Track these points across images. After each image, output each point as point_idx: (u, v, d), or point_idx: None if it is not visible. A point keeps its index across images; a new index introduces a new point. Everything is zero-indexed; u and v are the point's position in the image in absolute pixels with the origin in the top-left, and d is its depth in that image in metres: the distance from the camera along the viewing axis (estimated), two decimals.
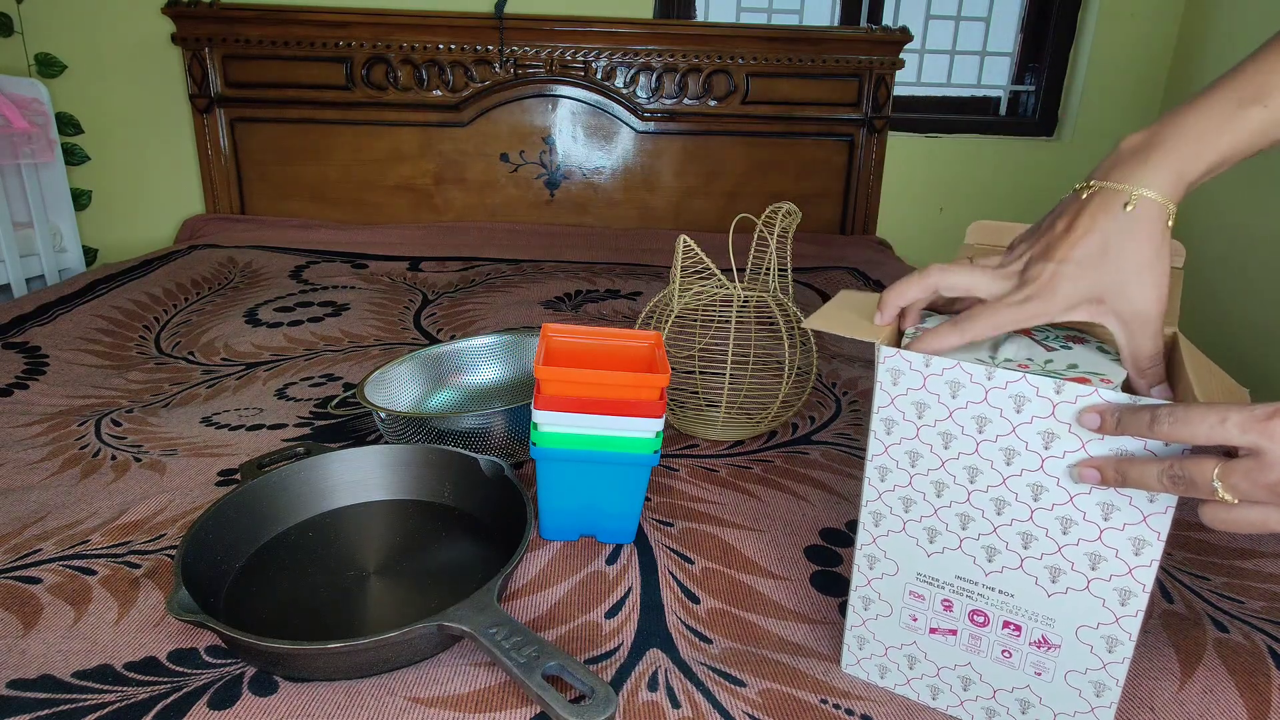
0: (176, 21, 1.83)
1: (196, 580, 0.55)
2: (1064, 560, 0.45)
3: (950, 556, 0.48)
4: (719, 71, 1.94)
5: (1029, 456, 0.44)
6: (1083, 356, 0.48)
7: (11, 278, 1.69)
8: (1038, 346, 0.49)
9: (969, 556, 0.48)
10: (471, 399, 0.95)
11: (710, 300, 0.90)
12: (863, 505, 0.50)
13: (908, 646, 0.52)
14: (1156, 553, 0.43)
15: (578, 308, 1.39)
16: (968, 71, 2.17)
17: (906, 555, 0.50)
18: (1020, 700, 0.49)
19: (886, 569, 0.51)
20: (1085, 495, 0.43)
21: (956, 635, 0.50)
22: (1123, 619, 0.44)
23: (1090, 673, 0.46)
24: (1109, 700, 0.47)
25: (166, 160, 1.99)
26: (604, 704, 0.46)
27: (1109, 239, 0.45)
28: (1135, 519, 0.43)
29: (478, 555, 0.65)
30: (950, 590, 0.49)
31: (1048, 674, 0.48)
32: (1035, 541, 0.45)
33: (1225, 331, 1.90)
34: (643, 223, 2.06)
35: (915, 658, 0.52)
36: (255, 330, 1.24)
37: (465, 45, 1.89)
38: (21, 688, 0.50)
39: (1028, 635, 0.47)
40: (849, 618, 0.54)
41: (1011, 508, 0.46)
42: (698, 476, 0.81)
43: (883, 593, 0.52)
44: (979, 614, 0.49)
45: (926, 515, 0.48)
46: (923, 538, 0.49)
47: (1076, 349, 0.49)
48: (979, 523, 0.47)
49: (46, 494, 0.75)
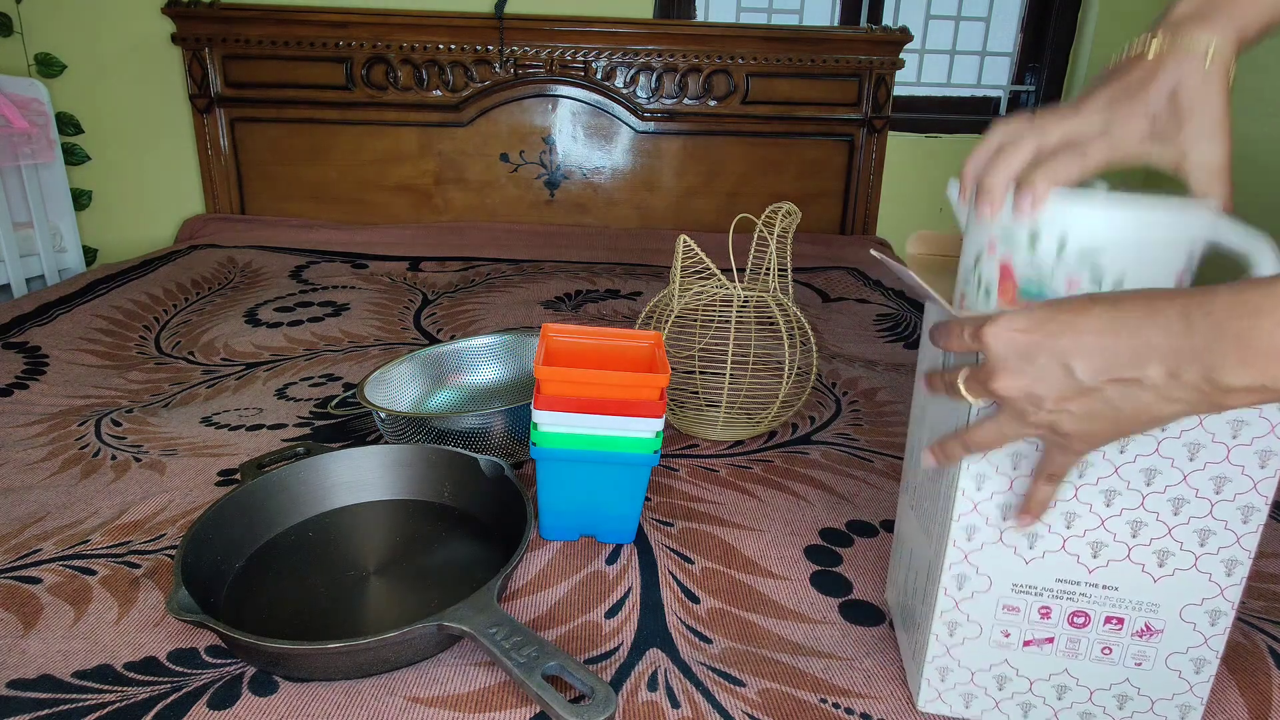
0: (176, 21, 1.83)
1: (196, 580, 0.55)
2: (1173, 542, 0.45)
3: (1051, 559, 0.46)
4: (719, 71, 1.94)
5: (1145, 441, 0.43)
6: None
7: (11, 278, 1.69)
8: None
9: (1072, 555, 0.46)
10: (471, 399, 0.95)
11: (710, 300, 0.90)
12: (953, 521, 0.46)
13: (997, 666, 0.49)
14: (1263, 518, 0.43)
15: (578, 308, 1.39)
16: (968, 71, 2.17)
17: (1002, 567, 0.47)
18: (1118, 696, 0.48)
19: (978, 586, 0.48)
20: (1200, 472, 0.43)
21: (1053, 643, 0.48)
22: (1227, 589, 0.45)
23: (1191, 651, 0.46)
24: (1207, 675, 0.47)
25: (166, 160, 1.99)
26: (604, 704, 0.46)
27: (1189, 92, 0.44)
28: (1246, 487, 0.43)
29: (478, 555, 0.65)
30: (1050, 595, 0.47)
31: (1148, 662, 0.47)
32: (1145, 528, 0.45)
33: None
34: (643, 223, 2.06)
35: (1006, 677, 0.49)
36: (255, 330, 1.24)
37: (465, 45, 1.88)
38: (21, 688, 0.50)
39: (1130, 627, 0.47)
40: (930, 649, 0.50)
41: (1122, 496, 0.45)
42: (698, 476, 0.81)
43: (972, 613, 0.48)
44: (1079, 615, 0.47)
45: None
46: (1021, 545, 0.47)
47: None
48: (1085, 518, 0.45)
49: (46, 494, 0.75)
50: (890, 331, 1.33)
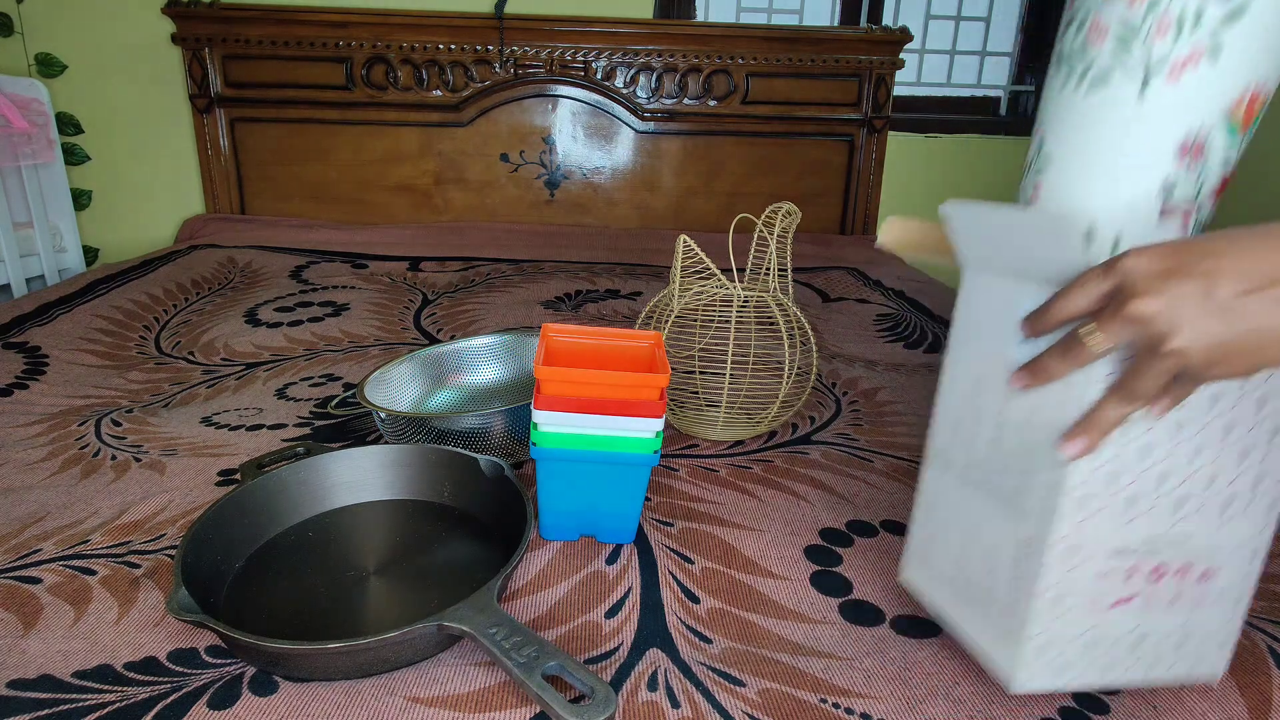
0: (176, 21, 1.83)
1: (196, 580, 0.55)
2: (1236, 489, 0.47)
3: (1142, 520, 0.47)
4: (719, 71, 1.94)
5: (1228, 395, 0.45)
6: None
7: (11, 278, 1.69)
8: None
9: (1160, 513, 0.47)
10: (471, 399, 0.95)
11: (710, 300, 0.90)
12: (1064, 494, 0.45)
13: (1088, 633, 0.48)
14: None
15: (578, 308, 1.39)
16: (968, 71, 2.17)
17: (1105, 533, 0.46)
18: (1178, 639, 0.50)
19: (1083, 556, 0.47)
20: (1263, 423, 0.46)
21: (1135, 600, 0.48)
22: (1265, 529, 0.47)
23: (1235, 587, 0.49)
24: (1244, 608, 0.49)
25: (166, 160, 1.99)
26: (604, 704, 0.46)
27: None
28: None
29: (478, 555, 0.65)
30: (1138, 555, 0.47)
31: (1204, 604, 0.49)
32: (1218, 479, 0.46)
33: None
34: (643, 223, 2.06)
35: (1094, 641, 0.49)
36: (255, 330, 1.24)
37: (465, 45, 1.89)
38: (21, 688, 0.50)
39: (1194, 573, 0.48)
40: (1030, 626, 0.48)
41: (1204, 452, 0.46)
42: (698, 476, 0.81)
43: (1075, 584, 0.47)
44: (1158, 569, 0.48)
45: (1129, 483, 0.46)
46: (1120, 508, 0.46)
47: None
48: (1176, 474, 0.46)
49: (46, 494, 0.75)
50: (890, 331, 1.33)
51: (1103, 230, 0.50)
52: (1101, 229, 0.50)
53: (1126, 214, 0.49)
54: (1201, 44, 0.43)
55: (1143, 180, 0.48)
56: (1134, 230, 0.49)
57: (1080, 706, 0.51)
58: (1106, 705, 0.52)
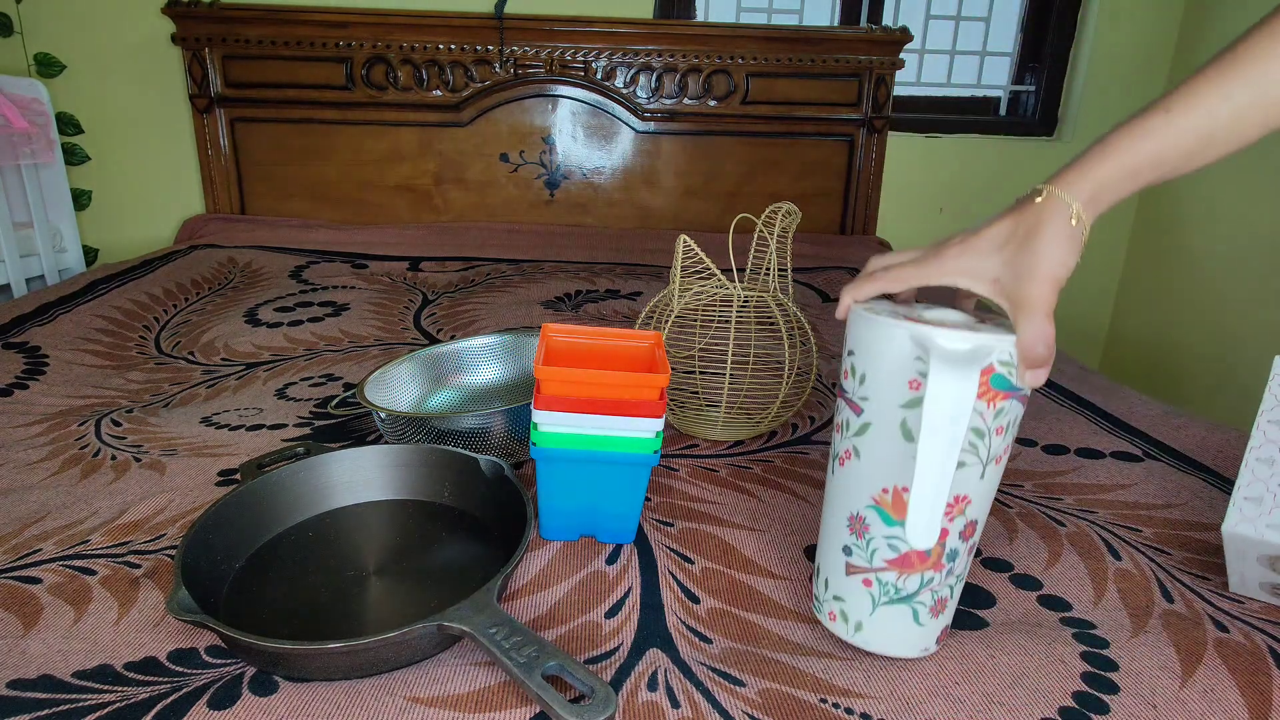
0: (176, 21, 1.83)
1: (196, 580, 0.55)
2: None
3: None
4: (719, 71, 1.94)
5: None
6: None
7: (11, 278, 1.69)
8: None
9: None
10: (471, 399, 0.95)
11: (710, 300, 0.90)
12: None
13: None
14: None
15: (578, 308, 1.39)
16: (968, 71, 2.17)
17: None
18: None
19: None
20: None
21: None
22: None
23: None
24: None
25: (166, 160, 1.99)
26: (604, 704, 0.46)
27: (1018, 231, 0.50)
28: None
29: (478, 555, 0.65)
30: None
31: None
32: None
33: (1226, 330, 1.90)
34: (643, 223, 2.06)
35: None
36: (255, 330, 1.24)
37: (465, 45, 1.89)
38: (21, 688, 0.50)
39: None
40: (1241, 475, 0.57)
41: None
42: (698, 476, 0.81)
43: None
44: None
45: None
46: None
47: None
48: None
49: (46, 494, 0.75)
50: None
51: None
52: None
53: (829, 565, 0.56)
54: (849, 446, 0.52)
55: (836, 541, 0.55)
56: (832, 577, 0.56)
57: (1080, 706, 0.51)
58: (1106, 705, 0.52)
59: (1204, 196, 1.97)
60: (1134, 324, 2.22)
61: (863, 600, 0.54)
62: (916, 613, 0.53)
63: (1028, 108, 2.19)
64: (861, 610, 0.54)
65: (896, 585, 0.52)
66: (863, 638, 0.55)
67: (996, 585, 0.65)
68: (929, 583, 0.52)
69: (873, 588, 0.53)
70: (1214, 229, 1.95)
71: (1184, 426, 0.94)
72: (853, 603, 0.54)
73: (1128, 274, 2.25)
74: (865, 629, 0.54)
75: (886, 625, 0.53)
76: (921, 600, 0.52)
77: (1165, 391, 2.06)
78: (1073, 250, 0.48)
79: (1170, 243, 2.09)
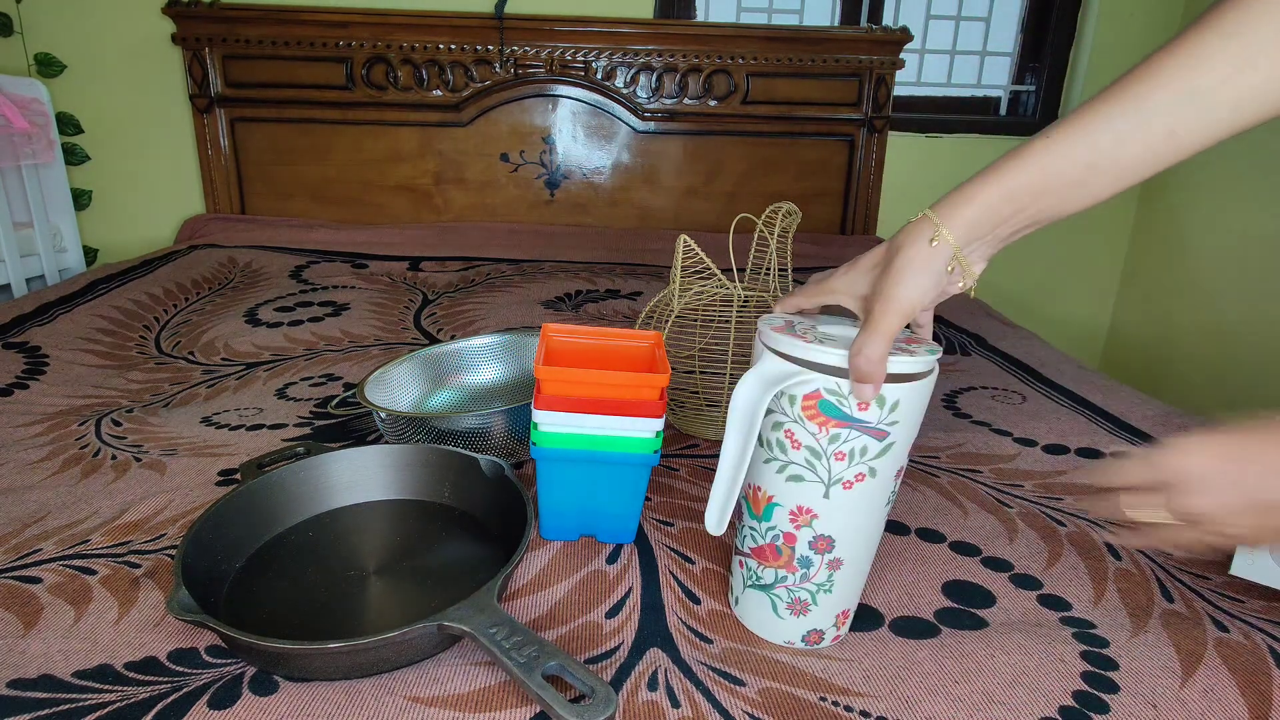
0: (176, 21, 1.83)
1: (196, 580, 0.55)
2: None
3: None
4: (719, 71, 1.94)
5: None
6: None
7: (11, 278, 1.69)
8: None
9: None
10: (471, 399, 0.95)
11: (710, 300, 0.90)
12: None
13: None
14: None
15: (578, 308, 1.39)
16: (968, 71, 2.17)
17: None
18: None
19: None
20: None
21: None
22: None
23: None
24: None
25: (166, 160, 1.99)
26: (604, 704, 0.46)
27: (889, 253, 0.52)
28: None
29: (478, 555, 0.65)
30: None
31: None
32: None
33: (1225, 330, 1.90)
34: (643, 223, 2.06)
35: None
36: (255, 330, 1.24)
37: (465, 45, 1.89)
38: (21, 688, 0.50)
39: None
40: None
41: None
42: (698, 476, 0.81)
43: None
44: None
45: None
46: None
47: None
48: None
49: (46, 494, 0.75)
50: None
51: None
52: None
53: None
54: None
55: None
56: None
57: (1080, 706, 0.51)
58: (1106, 705, 0.52)
59: (1204, 196, 1.97)
60: (1134, 323, 2.22)
61: (738, 577, 0.59)
62: (775, 604, 0.57)
63: (1028, 108, 2.19)
64: (738, 586, 0.60)
65: (757, 573, 0.57)
66: (739, 611, 0.60)
67: (996, 585, 0.65)
68: (783, 580, 0.55)
69: (743, 569, 0.58)
70: (1214, 228, 1.95)
71: (1184, 426, 0.94)
72: (735, 577, 0.60)
73: (1128, 273, 2.25)
74: (740, 604, 0.60)
75: (752, 606, 0.58)
76: (778, 594, 0.56)
77: (1165, 391, 2.06)
78: (926, 272, 0.49)
79: (1170, 242, 2.09)
